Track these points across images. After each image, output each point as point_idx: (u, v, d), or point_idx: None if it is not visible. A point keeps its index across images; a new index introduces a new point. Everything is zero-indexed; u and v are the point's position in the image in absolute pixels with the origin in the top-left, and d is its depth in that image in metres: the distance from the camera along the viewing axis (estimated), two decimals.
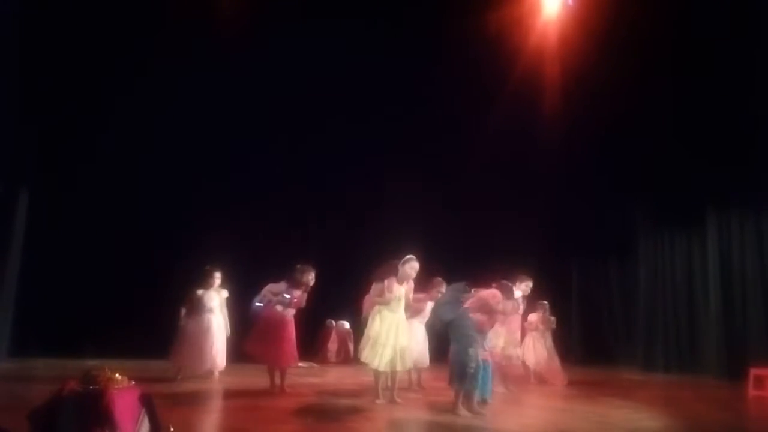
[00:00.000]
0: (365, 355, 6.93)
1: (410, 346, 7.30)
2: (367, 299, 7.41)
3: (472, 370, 6.28)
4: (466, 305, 6.46)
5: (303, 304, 7.72)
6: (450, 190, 11.55)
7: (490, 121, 11.33)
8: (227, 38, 10.17)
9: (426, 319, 7.95)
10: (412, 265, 7.01)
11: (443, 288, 7.70)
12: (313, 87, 10.71)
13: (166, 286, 9.23)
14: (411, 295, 7.17)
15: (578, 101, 10.65)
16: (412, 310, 7.58)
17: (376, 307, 6.99)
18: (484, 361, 6.57)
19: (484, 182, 11.50)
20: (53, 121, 10.04)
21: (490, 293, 6.59)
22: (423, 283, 7.73)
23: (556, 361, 9.26)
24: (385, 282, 6.98)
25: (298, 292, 7.61)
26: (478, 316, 6.43)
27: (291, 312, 7.68)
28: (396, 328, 6.92)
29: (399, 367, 6.97)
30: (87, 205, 10.22)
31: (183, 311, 8.53)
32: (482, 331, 6.52)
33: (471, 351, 6.27)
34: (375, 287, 7.13)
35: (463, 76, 11.03)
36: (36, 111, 9.75)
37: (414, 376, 8.13)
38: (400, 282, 7.00)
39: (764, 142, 9.54)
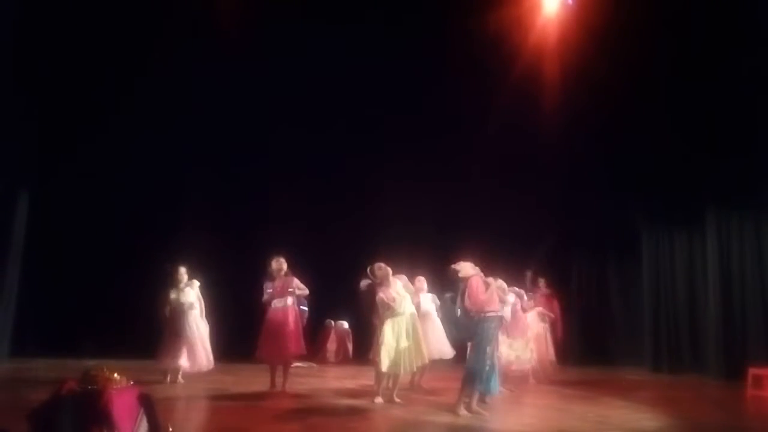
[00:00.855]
0: (385, 364, 6.88)
1: (426, 341, 7.41)
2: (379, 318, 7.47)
3: (488, 368, 6.33)
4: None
5: (294, 289, 7.71)
6: (449, 190, 11.54)
7: (490, 119, 11.32)
8: (227, 39, 10.16)
9: (436, 312, 8.13)
10: (379, 267, 7.07)
11: (424, 284, 8.32)
12: (310, 86, 10.70)
13: (165, 286, 9.21)
14: (410, 286, 7.30)
15: (579, 99, 10.64)
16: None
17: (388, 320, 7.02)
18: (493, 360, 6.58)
19: (483, 181, 11.50)
20: (53, 122, 10.04)
21: (475, 283, 6.62)
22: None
23: (551, 356, 9.34)
24: (382, 296, 6.99)
25: (277, 284, 7.65)
26: (480, 300, 6.43)
27: (286, 303, 7.67)
28: (403, 329, 6.94)
29: (404, 370, 6.97)
30: (87, 206, 10.23)
31: (166, 313, 8.36)
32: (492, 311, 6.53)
33: (489, 349, 6.34)
34: (379, 308, 7.08)
35: (463, 76, 11.02)
36: (36, 112, 9.76)
37: (416, 377, 8.14)
38: (389, 286, 7.03)
39: (765, 141, 9.53)
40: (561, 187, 11.87)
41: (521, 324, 8.56)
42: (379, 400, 6.93)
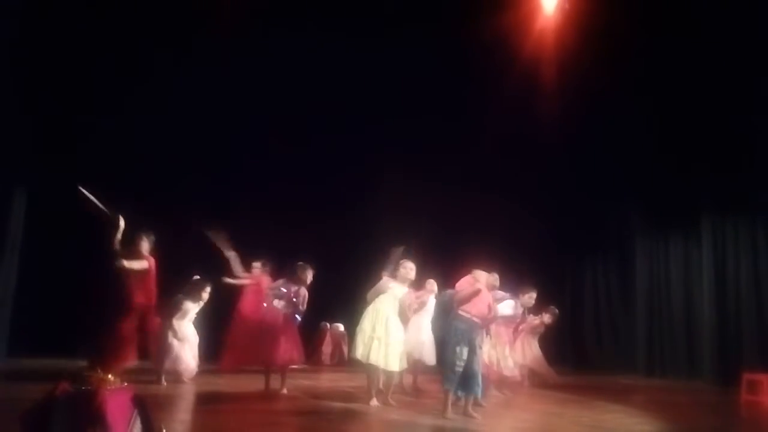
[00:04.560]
0: (359, 351, 6.87)
1: (409, 342, 7.43)
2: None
3: (459, 369, 6.27)
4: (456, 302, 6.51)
5: (302, 304, 7.68)
6: (446, 192, 11.55)
7: (487, 122, 11.33)
8: (226, 36, 10.14)
9: (431, 315, 8.10)
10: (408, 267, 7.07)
11: (435, 287, 8.13)
12: (310, 86, 10.70)
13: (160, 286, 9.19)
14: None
15: (576, 103, 10.68)
16: (416, 306, 7.63)
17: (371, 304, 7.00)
18: (478, 363, 6.54)
19: (480, 183, 11.51)
20: (50, 120, 10.03)
21: (463, 281, 6.68)
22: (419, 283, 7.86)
23: (541, 360, 9.38)
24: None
25: (294, 288, 7.61)
26: (468, 307, 6.44)
27: (283, 308, 7.69)
28: (386, 321, 6.88)
29: (392, 366, 6.89)
30: (83, 206, 10.19)
31: (172, 320, 8.41)
32: (481, 319, 6.47)
33: (458, 349, 6.29)
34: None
35: (460, 77, 11.04)
36: (33, 110, 9.74)
37: (409, 379, 8.13)
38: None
39: (760, 147, 9.56)
40: (557, 192, 11.90)
41: (508, 331, 8.47)
42: (374, 402, 6.92)
